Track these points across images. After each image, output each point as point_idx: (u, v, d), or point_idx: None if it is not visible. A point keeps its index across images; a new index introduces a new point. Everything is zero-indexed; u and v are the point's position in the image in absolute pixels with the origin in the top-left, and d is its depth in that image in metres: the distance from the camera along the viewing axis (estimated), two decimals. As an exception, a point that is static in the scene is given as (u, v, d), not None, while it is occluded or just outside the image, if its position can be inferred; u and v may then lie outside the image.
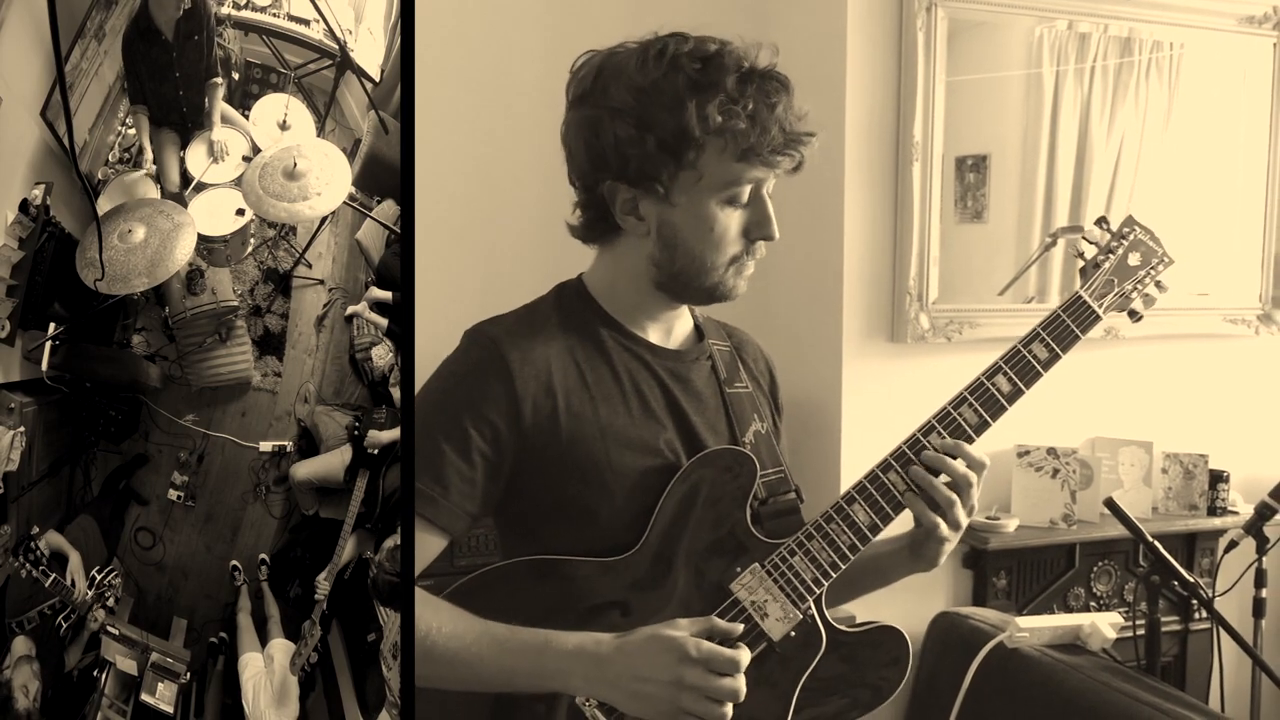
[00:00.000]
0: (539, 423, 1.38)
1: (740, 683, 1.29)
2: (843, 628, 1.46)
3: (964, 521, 1.45)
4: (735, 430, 1.50)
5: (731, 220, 1.39)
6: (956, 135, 2.87)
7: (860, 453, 2.84)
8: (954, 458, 1.44)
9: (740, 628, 1.37)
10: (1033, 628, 2.57)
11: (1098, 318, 1.54)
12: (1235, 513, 3.09)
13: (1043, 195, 3.01)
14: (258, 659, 1.53)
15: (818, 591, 1.43)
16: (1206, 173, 3.15)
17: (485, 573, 1.38)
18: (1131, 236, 1.60)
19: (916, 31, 2.77)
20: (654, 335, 1.50)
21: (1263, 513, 2.64)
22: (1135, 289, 1.59)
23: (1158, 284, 1.60)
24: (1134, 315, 1.60)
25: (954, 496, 1.43)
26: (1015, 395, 1.48)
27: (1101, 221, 1.62)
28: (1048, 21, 2.92)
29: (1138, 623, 2.53)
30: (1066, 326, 1.51)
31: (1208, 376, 3.22)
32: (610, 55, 1.40)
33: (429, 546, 1.36)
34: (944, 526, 1.44)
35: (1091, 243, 1.60)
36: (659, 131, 1.34)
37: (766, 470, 1.48)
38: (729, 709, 1.29)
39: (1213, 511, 3.10)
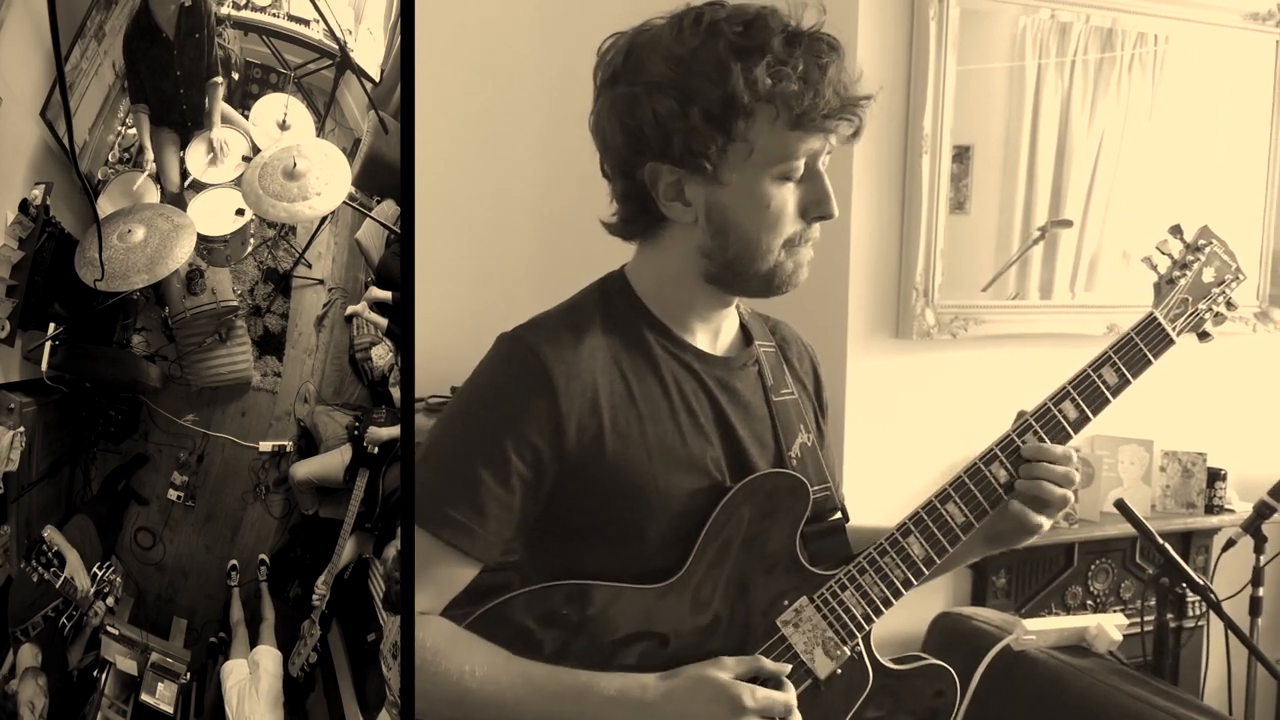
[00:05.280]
0: (583, 443, 1.27)
1: None
2: (889, 664, 1.38)
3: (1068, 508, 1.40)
4: (781, 444, 1.40)
5: (788, 197, 1.28)
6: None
7: (865, 449, 2.83)
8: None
9: (789, 668, 1.29)
10: (1039, 630, 2.54)
11: (1171, 342, 1.43)
12: (1231, 511, 3.09)
13: (1024, 187, 2.96)
14: (242, 666, 1.53)
15: (867, 628, 1.35)
16: (1193, 169, 3.10)
17: (513, 598, 1.29)
18: (1207, 249, 1.47)
19: (929, 21, 2.73)
20: (702, 339, 1.39)
21: (1262, 511, 2.63)
22: (1209, 308, 1.46)
23: (1229, 302, 1.48)
24: (1204, 336, 1.48)
25: (1067, 492, 1.36)
26: (1081, 423, 1.39)
27: (1176, 231, 1.49)
28: (1031, 12, 2.86)
29: (1145, 620, 2.52)
30: (1139, 351, 1.41)
31: (1205, 374, 3.22)
32: (639, 32, 1.29)
33: (461, 579, 1.28)
34: (1046, 521, 1.38)
35: (1165, 254, 1.47)
36: (703, 103, 1.22)
37: (814, 488, 1.38)
38: None
39: (1210, 510, 3.10)
